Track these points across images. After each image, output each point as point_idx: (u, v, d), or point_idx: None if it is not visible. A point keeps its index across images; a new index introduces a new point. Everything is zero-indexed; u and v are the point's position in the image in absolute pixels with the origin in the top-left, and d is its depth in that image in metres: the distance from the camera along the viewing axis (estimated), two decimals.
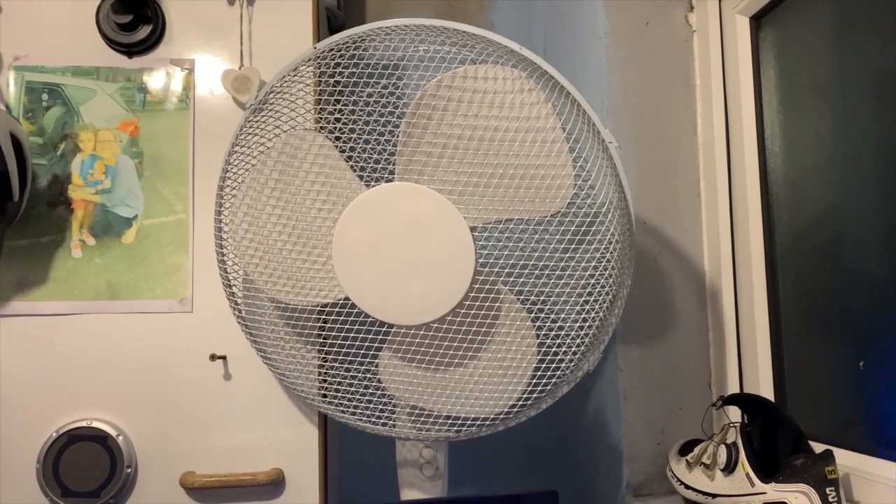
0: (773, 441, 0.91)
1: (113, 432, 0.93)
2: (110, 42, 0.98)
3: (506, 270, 0.79)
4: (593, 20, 1.20)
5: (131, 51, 0.99)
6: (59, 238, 0.96)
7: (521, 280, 0.79)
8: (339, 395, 0.87)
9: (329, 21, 1.29)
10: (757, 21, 1.14)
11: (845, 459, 0.89)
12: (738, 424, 0.92)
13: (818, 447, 0.88)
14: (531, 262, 0.78)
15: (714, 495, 0.92)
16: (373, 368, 0.84)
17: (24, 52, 0.98)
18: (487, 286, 0.77)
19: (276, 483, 0.95)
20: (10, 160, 0.87)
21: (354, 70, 0.78)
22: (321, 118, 0.83)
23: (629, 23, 1.19)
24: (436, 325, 0.78)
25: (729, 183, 1.16)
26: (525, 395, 0.81)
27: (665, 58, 1.21)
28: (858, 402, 0.92)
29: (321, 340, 0.89)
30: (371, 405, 0.87)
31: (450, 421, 0.85)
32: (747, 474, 0.87)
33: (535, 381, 0.81)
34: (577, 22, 1.29)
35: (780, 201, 1.09)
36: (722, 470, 0.90)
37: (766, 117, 1.12)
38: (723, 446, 0.91)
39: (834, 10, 0.99)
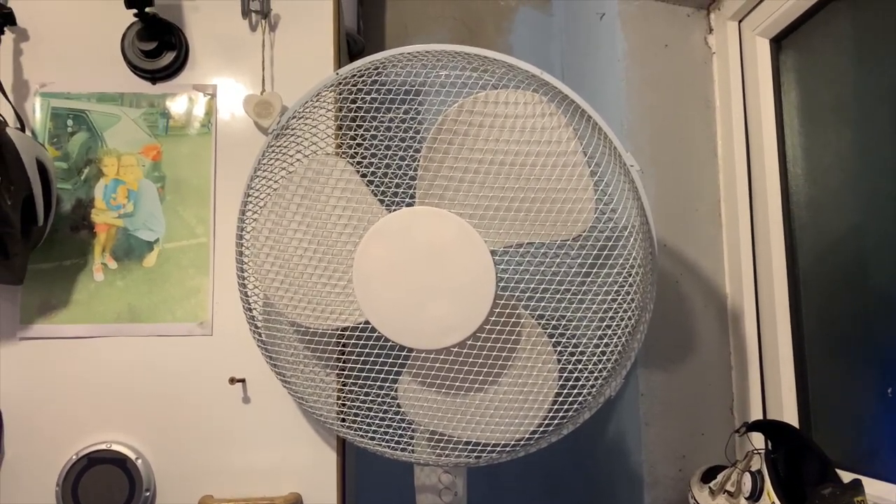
0: (799, 469, 0.89)
1: (132, 455, 0.93)
2: (135, 69, 1.00)
3: (527, 294, 0.78)
4: (612, 42, 1.21)
5: (155, 77, 1.00)
6: (82, 262, 0.97)
7: (542, 304, 0.78)
8: (358, 419, 0.87)
9: (349, 46, 1.31)
10: (777, 43, 1.14)
11: (874, 489, 0.87)
12: (762, 451, 0.90)
13: (845, 476, 0.86)
14: (552, 286, 0.77)
15: None
16: (392, 393, 0.84)
17: (51, 79, 0.99)
18: (508, 310, 0.77)
19: None
20: (36, 186, 0.89)
21: (376, 95, 0.78)
22: (343, 143, 0.84)
23: (648, 44, 1.19)
24: (456, 349, 0.78)
25: (750, 205, 1.15)
26: (546, 422, 0.80)
27: (684, 79, 1.20)
28: (887, 429, 0.90)
29: (340, 364, 0.89)
30: (390, 430, 0.86)
31: (469, 447, 0.84)
32: (773, 503, 0.85)
33: (556, 406, 0.80)
34: (596, 44, 1.29)
35: (803, 223, 1.08)
36: (747, 498, 0.89)
37: (787, 139, 1.11)
38: (747, 474, 0.89)
39: (855, 32, 0.99)
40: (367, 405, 0.86)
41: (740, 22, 1.18)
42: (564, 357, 0.80)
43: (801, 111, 1.09)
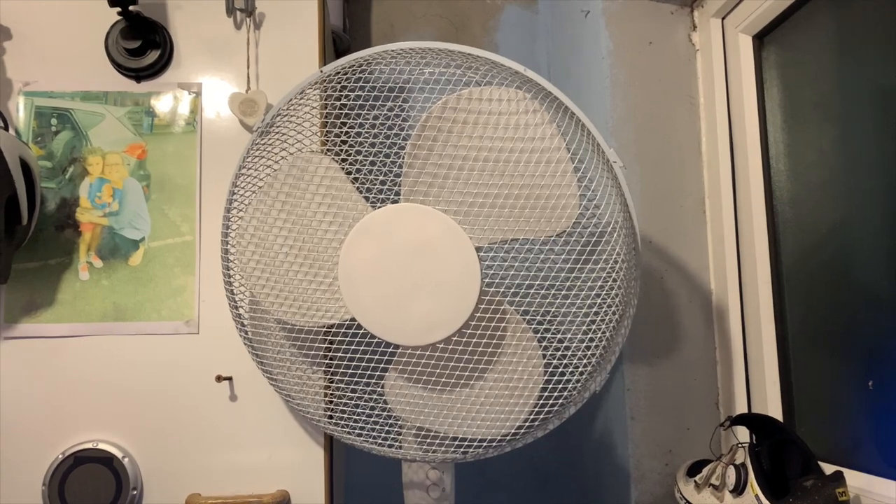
0: (783, 462, 0.91)
1: (119, 454, 0.93)
2: (119, 67, 0.99)
3: (511, 290, 0.79)
4: (596, 40, 1.21)
5: (139, 75, 1.00)
6: (67, 260, 0.97)
7: (528, 300, 0.79)
8: (345, 416, 0.87)
9: (335, 44, 1.31)
10: (760, 40, 1.15)
11: (856, 481, 0.88)
12: (746, 445, 0.91)
13: (828, 468, 0.87)
14: (537, 282, 0.78)
15: None
16: (379, 389, 0.84)
17: (34, 78, 0.99)
18: (493, 306, 0.77)
19: None
20: (20, 184, 0.88)
21: (360, 93, 0.79)
22: (327, 140, 0.84)
23: (632, 42, 1.20)
24: (442, 345, 0.78)
25: (734, 201, 1.16)
26: (532, 416, 0.81)
27: (668, 77, 1.21)
28: (868, 422, 0.91)
29: (327, 361, 0.89)
30: (377, 426, 0.86)
31: (456, 442, 0.85)
32: (756, 496, 0.86)
33: (541, 401, 0.80)
34: (581, 42, 1.30)
35: (786, 219, 1.09)
36: (731, 491, 0.90)
37: (770, 135, 1.12)
38: (732, 467, 0.90)
39: (837, 28, 1.00)
40: (353, 402, 0.86)
41: (723, 19, 1.19)
42: (550, 352, 0.81)
43: (784, 108, 1.10)
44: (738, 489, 0.88)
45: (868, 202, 0.93)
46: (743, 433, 1.03)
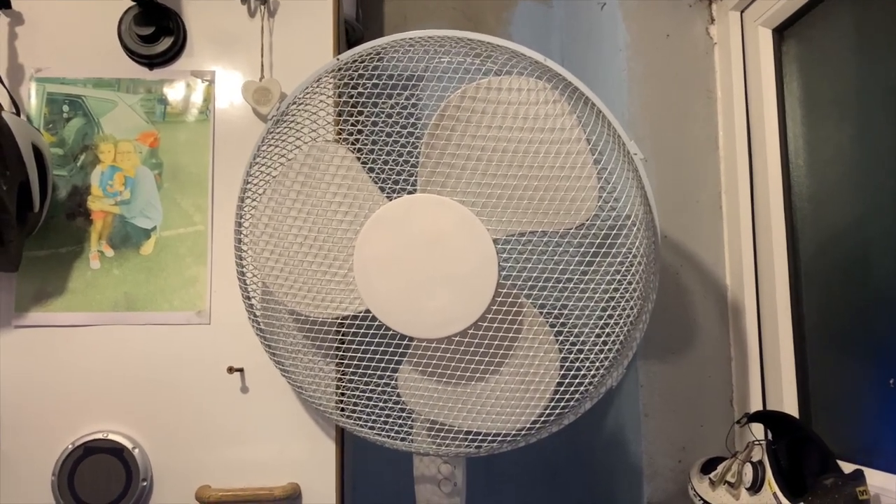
0: (800, 460, 0.89)
1: (129, 445, 0.93)
2: (132, 54, 0.99)
3: (529, 284, 0.77)
4: (613, 32, 1.20)
5: (152, 62, 0.99)
6: (78, 249, 0.96)
7: (545, 294, 0.78)
8: (358, 408, 0.86)
9: (347, 34, 1.30)
10: (779, 33, 1.13)
11: (875, 480, 0.87)
12: (764, 442, 0.90)
13: (846, 467, 0.86)
14: (555, 276, 0.77)
15: None
16: (392, 382, 0.83)
17: (46, 64, 0.98)
18: (510, 300, 0.76)
19: (292, 498, 0.94)
20: (32, 171, 0.88)
21: (378, 81, 0.77)
22: (343, 130, 0.83)
23: (650, 35, 1.18)
24: (457, 338, 0.77)
25: (751, 196, 1.14)
26: (547, 411, 0.80)
27: (686, 70, 1.20)
28: (888, 420, 0.90)
29: (340, 353, 0.88)
30: (390, 419, 0.86)
31: (469, 436, 0.84)
32: (774, 494, 0.85)
33: (557, 396, 0.79)
34: (597, 34, 1.28)
35: (804, 215, 1.08)
36: (747, 489, 0.88)
37: (789, 130, 1.11)
38: (749, 464, 0.89)
39: (857, 23, 0.98)
40: (366, 394, 0.85)
41: (742, 12, 1.17)
42: (566, 347, 0.80)
43: (804, 102, 1.08)
44: (756, 487, 0.87)
45: (888, 199, 0.92)
46: (759, 431, 1.01)
